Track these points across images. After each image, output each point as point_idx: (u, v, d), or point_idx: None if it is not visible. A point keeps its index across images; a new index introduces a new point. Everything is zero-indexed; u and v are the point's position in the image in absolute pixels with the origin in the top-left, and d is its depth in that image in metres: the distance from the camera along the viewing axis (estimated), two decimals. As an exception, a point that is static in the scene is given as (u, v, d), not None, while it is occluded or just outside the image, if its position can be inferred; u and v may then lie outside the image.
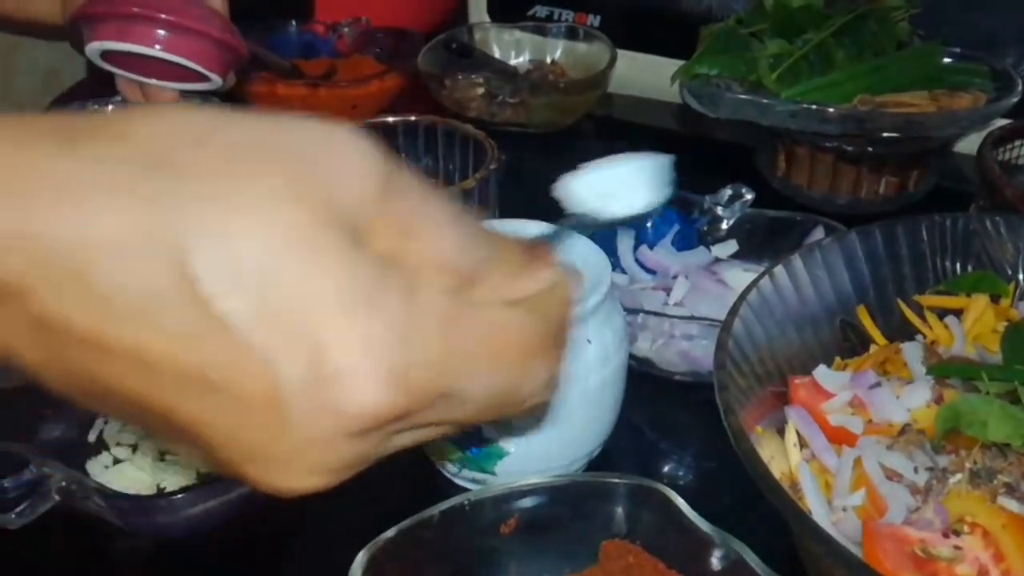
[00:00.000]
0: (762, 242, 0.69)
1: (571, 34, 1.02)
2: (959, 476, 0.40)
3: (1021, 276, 0.55)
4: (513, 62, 1.03)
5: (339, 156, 0.24)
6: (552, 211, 0.33)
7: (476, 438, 0.50)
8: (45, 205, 0.22)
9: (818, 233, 0.64)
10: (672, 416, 0.61)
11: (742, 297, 0.49)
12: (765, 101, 0.72)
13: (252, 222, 0.22)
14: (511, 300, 0.27)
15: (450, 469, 0.53)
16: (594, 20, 1.03)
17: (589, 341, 0.48)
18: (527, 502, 0.47)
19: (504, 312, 0.27)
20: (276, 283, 0.22)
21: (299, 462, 0.24)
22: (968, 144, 0.83)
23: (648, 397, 0.61)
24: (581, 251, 0.51)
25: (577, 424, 0.50)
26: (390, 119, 0.75)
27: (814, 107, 0.71)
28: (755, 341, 0.49)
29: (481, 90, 0.92)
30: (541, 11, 1.06)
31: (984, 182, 0.72)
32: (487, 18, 1.09)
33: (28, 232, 0.22)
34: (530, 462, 0.51)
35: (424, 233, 0.25)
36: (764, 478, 0.38)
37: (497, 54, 1.02)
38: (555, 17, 1.05)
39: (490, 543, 0.47)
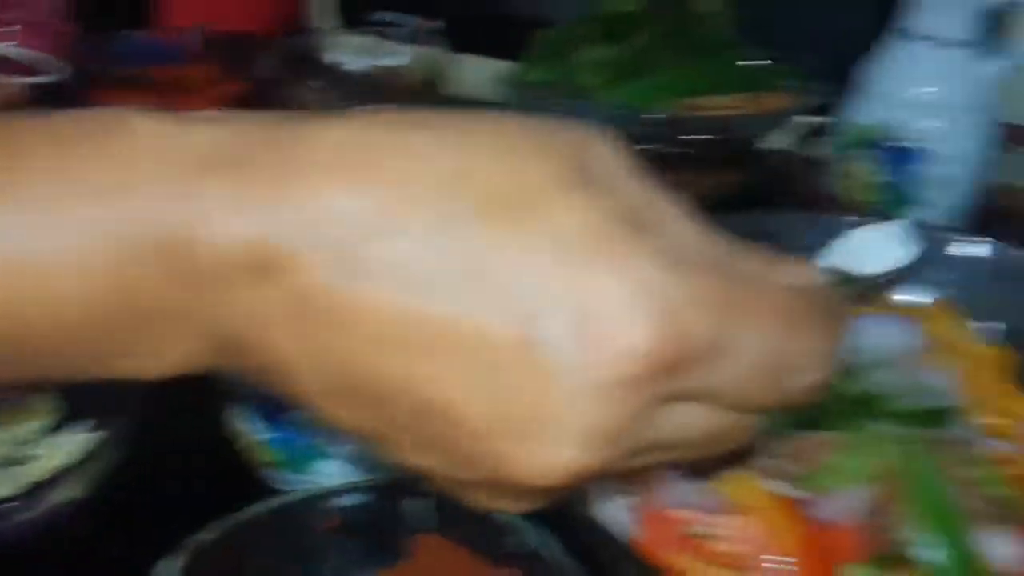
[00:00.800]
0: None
1: (412, 38, 1.03)
2: (729, 461, 0.43)
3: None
4: (355, 67, 1.03)
5: (597, 138, 0.24)
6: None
7: (291, 441, 0.52)
8: (319, 171, 0.22)
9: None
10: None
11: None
12: (586, 105, 0.75)
13: (517, 163, 0.22)
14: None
15: (268, 474, 0.54)
16: (436, 25, 1.05)
17: None
18: (347, 500, 0.48)
19: (775, 279, 0.25)
20: (541, 220, 0.22)
21: (569, 423, 0.22)
22: (784, 142, 0.88)
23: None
24: None
25: None
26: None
27: (632, 111, 0.74)
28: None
29: (319, 96, 0.93)
30: (384, 16, 1.07)
31: (792, 179, 0.76)
32: (330, 23, 1.10)
33: (299, 198, 0.21)
34: (348, 467, 0.52)
35: (675, 215, 0.24)
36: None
37: (339, 59, 1.03)
38: (398, 22, 1.06)
39: (314, 541, 0.48)
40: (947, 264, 0.56)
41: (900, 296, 0.56)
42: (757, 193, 0.85)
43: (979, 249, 0.56)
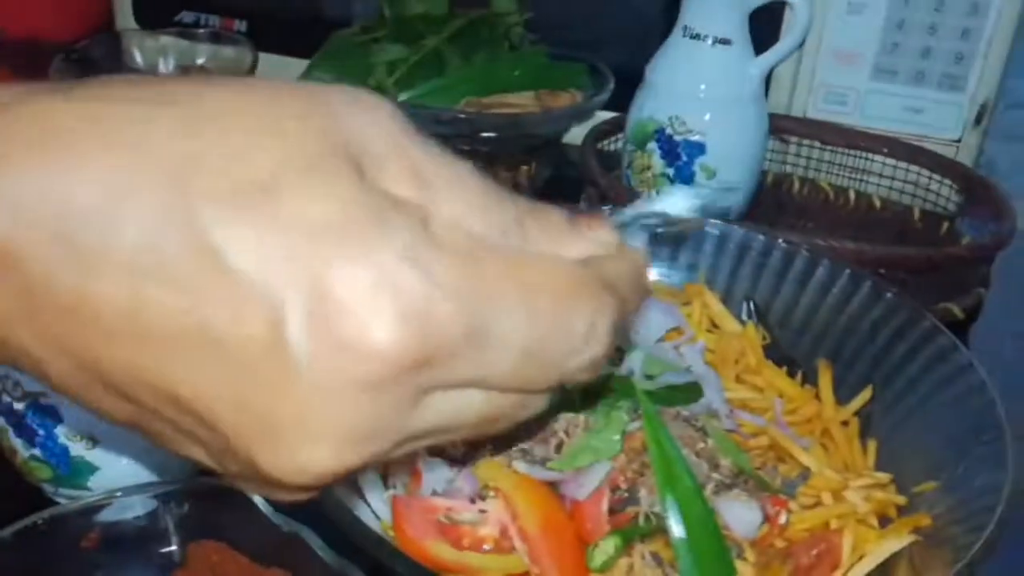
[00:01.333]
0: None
1: (215, 39, 1.01)
2: (488, 446, 0.44)
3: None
4: (159, 69, 1.01)
5: (357, 104, 0.22)
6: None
7: (63, 456, 0.50)
8: (30, 153, 0.20)
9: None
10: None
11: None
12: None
13: (254, 142, 0.20)
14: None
15: (47, 489, 0.52)
16: (241, 25, 1.03)
17: None
18: (108, 514, 0.47)
19: (539, 251, 0.24)
20: (276, 208, 0.20)
21: (314, 424, 0.21)
22: (582, 137, 0.90)
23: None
24: None
25: None
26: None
27: (425, 110, 0.75)
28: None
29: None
30: (188, 17, 1.05)
31: (585, 173, 0.79)
32: (134, 25, 1.07)
33: (9, 186, 0.20)
34: (124, 477, 0.51)
35: (444, 185, 0.23)
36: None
37: (141, 61, 1.00)
38: (201, 23, 1.04)
39: (72, 560, 0.46)
40: (702, 248, 0.59)
41: (656, 279, 0.58)
42: (554, 188, 0.87)
43: (730, 233, 0.59)
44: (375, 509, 0.44)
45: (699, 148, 0.75)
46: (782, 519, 0.45)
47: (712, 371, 0.52)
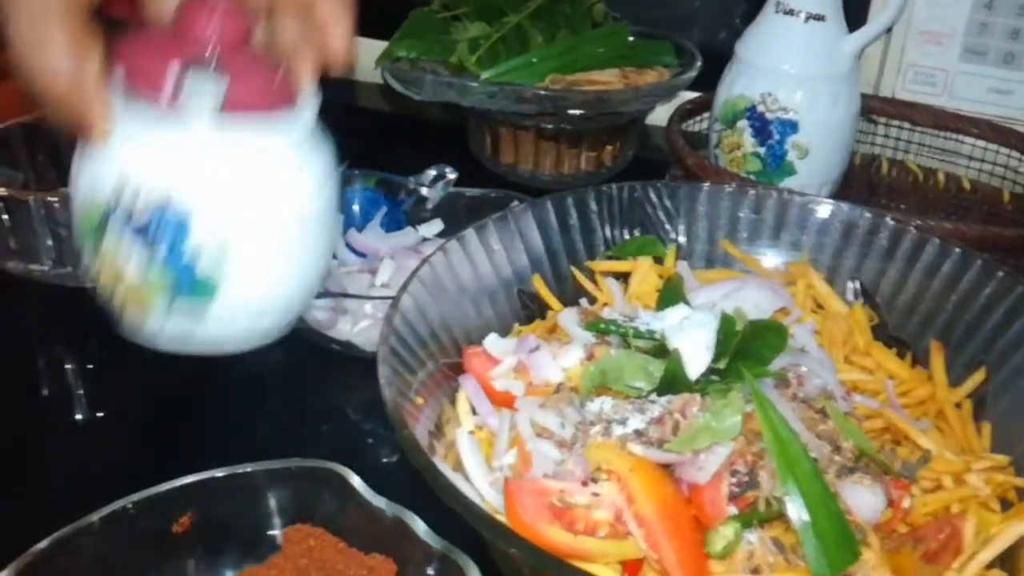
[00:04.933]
0: (466, 220, 0.71)
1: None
2: (597, 427, 0.43)
3: (680, 238, 0.60)
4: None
5: None
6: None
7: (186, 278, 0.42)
8: None
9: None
10: (375, 396, 0.62)
11: (414, 274, 0.51)
12: (464, 83, 0.74)
13: None
14: None
15: (152, 326, 0.43)
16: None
17: (300, 169, 0.43)
18: (199, 498, 0.46)
19: None
20: None
21: None
22: (665, 117, 0.88)
23: (351, 381, 0.62)
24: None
25: (294, 259, 0.44)
26: None
27: (509, 87, 0.74)
28: (429, 316, 0.50)
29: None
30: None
31: (671, 153, 0.77)
32: None
33: None
34: (243, 306, 0.43)
35: None
36: (406, 442, 0.39)
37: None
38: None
39: (162, 545, 0.45)
40: (806, 227, 0.57)
41: (766, 260, 0.57)
42: (642, 166, 0.86)
43: (836, 211, 0.57)
44: (481, 491, 0.43)
45: (792, 126, 0.73)
46: (906, 503, 0.43)
47: (824, 352, 0.50)
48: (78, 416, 0.59)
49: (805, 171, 0.74)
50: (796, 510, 0.40)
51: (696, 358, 0.45)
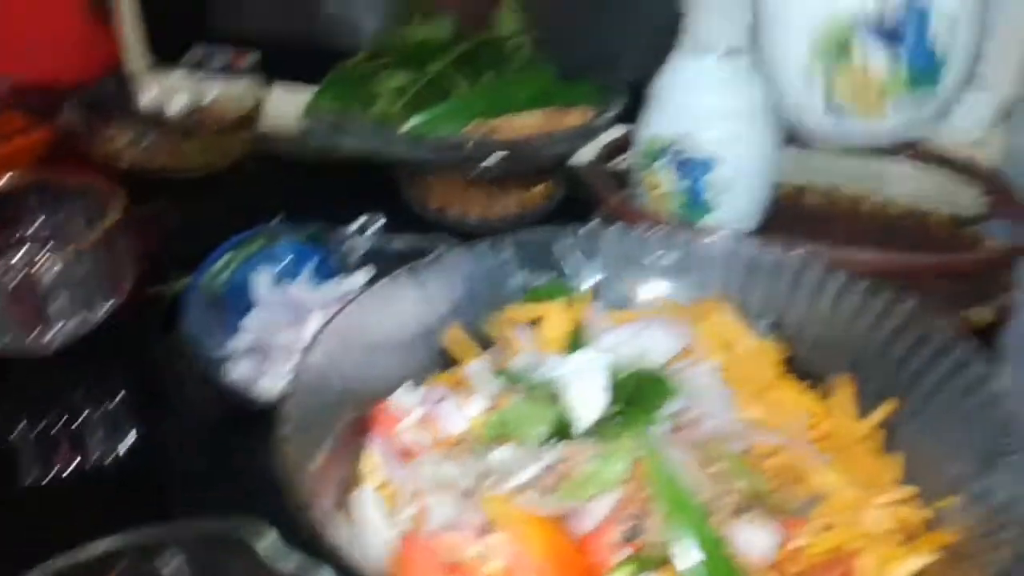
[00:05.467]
0: (398, 267, 0.72)
1: (226, 73, 1.02)
2: (492, 478, 0.43)
3: (594, 281, 0.60)
4: (170, 107, 1.01)
5: None
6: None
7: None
8: None
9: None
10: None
11: (321, 330, 0.51)
12: (385, 134, 0.75)
13: None
14: None
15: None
16: (252, 57, 1.03)
17: None
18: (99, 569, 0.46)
19: None
20: None
21: None
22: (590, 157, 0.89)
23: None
24: None
25: None
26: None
27: (430, 137, 0.74)
28: (339, 372, 0.51)
29: (128, 139, 0.91)
30: (198, 51, 1.05)
31: (594, 193, 0.78)
32: (145, 63, 1.07)
33: None
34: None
35: None
36: (294, 503, 0.40)
37: (152, 100, 1.01)
38: (212, 58, 1.05)
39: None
40: (716, 264, 0.58)
41: (668, 297, 0.57)
42: (569, 209, 0.86)
43: (743, 247, 0.58)
44: (380, 549, 0.43)
45: (710, 164, 0.73)
46: (798, 542, 0.43)
47: (724, 390, 0.50)
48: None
49: (727, 207, 0.74)
50: (683, 554, 0.40)
51: (591, 404, 0.46)
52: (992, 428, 0.45)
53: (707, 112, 0.73)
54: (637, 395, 0.45)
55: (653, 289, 0.59)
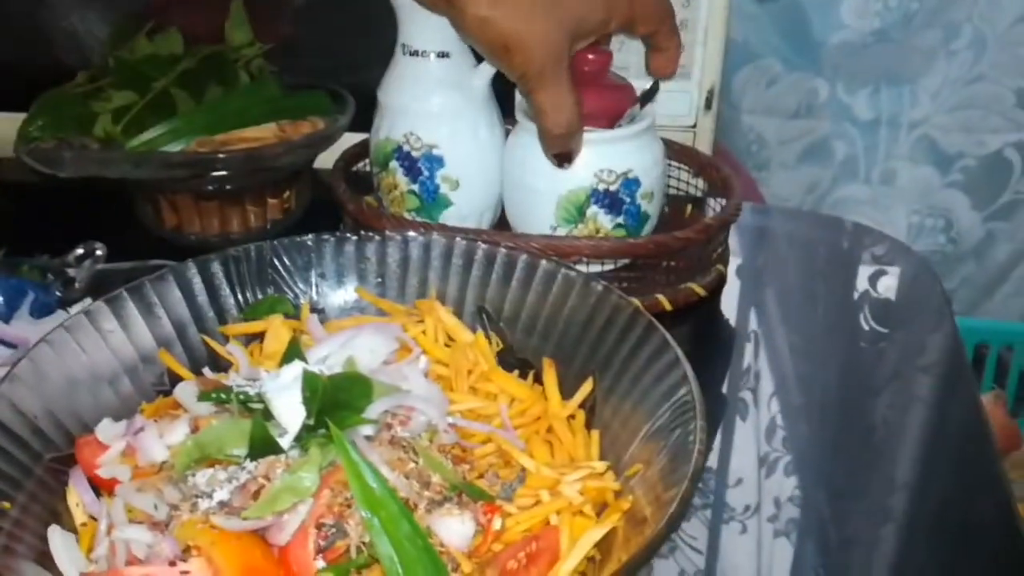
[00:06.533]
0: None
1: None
2: (186, 504, 0.43)
3: (313, 292, 0.61)
4: None
5: None
6: None
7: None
8: None
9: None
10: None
11: (10, 371, 0.49)
12: (106, 155, 0.73)
13: None
14: None
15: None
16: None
17: None
18: None
19: None
20: None
21: None
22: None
23: None
24: None
25: None
26: None
27: (155, 155, 0.73)
28: (30, 413, 0.49)
29: None
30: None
31: (336, 199, 0.78)
32: None
33: None
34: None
35: None
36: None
37: None
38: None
39: None
40: (429, 263, 0.60)
41: (399, 300, 0.59)
42: (319, 213, 0.86)
43: (455, 244, 0.60)
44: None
45: (438, 161, 0.75)
46: (496, 525, 0.45)
47: (434, 387, 0.52)
48: None
49: (462, 201, 0.76)
50: (384, 551, 0.41)
51: (293, 416, 0.46)
52: (672, 406, 0.48)
53: (427, 112, 0.74)
54: (334, 402, 0.46)
55: (369, 294, 0.60)
